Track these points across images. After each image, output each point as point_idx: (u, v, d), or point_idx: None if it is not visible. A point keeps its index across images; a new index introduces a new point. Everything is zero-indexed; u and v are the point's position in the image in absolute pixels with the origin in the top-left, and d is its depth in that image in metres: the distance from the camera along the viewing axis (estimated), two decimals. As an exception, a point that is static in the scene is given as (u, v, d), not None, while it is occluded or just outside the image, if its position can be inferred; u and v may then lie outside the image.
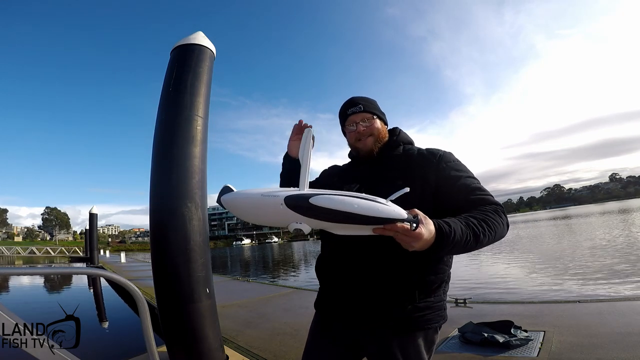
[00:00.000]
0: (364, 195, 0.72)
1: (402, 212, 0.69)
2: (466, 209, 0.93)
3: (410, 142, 1.19)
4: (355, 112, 1.14)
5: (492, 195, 0.98)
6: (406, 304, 0.99)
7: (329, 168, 1.35)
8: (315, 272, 1.21)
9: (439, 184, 1.00)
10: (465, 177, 1.00)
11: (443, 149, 1.10)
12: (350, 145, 1.21)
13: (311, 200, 0.67)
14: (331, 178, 1.24)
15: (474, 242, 0.83)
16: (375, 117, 1.15)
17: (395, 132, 1.19)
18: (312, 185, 1.23)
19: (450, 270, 1.08)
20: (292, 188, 0.76)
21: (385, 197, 0.73)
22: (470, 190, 0.97)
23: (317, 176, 1.34)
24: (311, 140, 0.82)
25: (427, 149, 1.12)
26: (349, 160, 1.28)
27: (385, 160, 1.13)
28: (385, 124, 1.21)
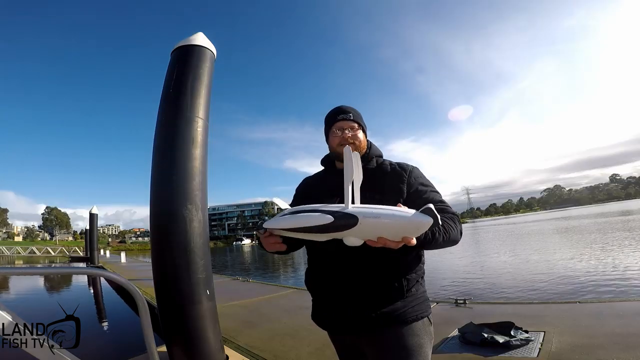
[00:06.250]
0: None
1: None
2: None
3: (380, 155, 1.27)
4: (345, 119, 1.21)
5: (451, 207, 1.13)
6: (396, 301, 1.08)
7: (302, 184, 1.35)
8: (306, 285, 1.25)
9: (409, 196, 1.12)
10: (430, 191, 1.14)
11: (412, 165, 1.21)
12: (331, 149, 1.24)
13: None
14: (311, 189, 1.28)
15: (437, 233, 0.96)
16: (360, 128, 1.22)
17: (369, 146, 1.26)
18: (295, 201, 1.30)
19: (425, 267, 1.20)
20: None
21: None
22: (434, 203, 1.07)
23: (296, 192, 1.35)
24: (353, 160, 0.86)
25: (397, 164, 1.21)
26: (323, 167, 1.31)
27: (363, 172, 1.16)
28: (366, 137, 1.26)
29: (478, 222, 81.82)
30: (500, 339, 2.55)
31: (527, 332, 2.72)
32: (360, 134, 1.21)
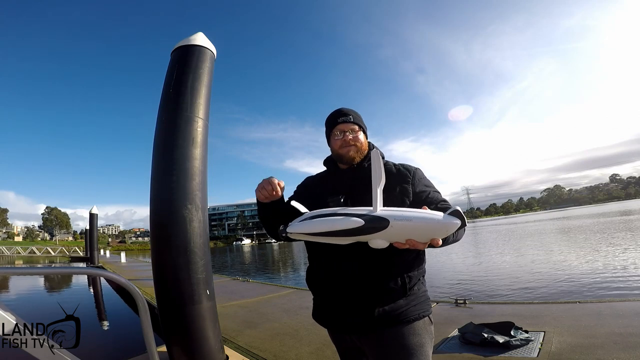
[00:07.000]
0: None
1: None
2: None
3: (382, 156, 1.28)
4: (345, 122, 1.22)
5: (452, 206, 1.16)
6: (398, 299, 1.09)
7: (304, 183, 1.37)
8: (307, 284, 1.26)
9: (414, 196, 1.16)
10: (433, 191, 1.18)
11: (414, 166, 1.25)
12: (333, 151, 1.26)
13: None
14: (314, 189, 1.29)
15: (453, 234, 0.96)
16: (360, 130, 1.24)
17: (370, 147, 1.28)
18: (296, 197, 1.30)
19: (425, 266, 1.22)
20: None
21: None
22: (438, 202, 1.14)
23: (297, 189, 1.36)
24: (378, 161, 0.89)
25: (401, 165, 1.25)
26: (325, 168, 1.33)
27: (365, 172, 1.19)
28: (367, 138, 1.29)
29: (478, 222, 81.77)
30: (500, 339, 2.55)
31: (527, 332, 2.72)
32: (361, 135, 1.23)
